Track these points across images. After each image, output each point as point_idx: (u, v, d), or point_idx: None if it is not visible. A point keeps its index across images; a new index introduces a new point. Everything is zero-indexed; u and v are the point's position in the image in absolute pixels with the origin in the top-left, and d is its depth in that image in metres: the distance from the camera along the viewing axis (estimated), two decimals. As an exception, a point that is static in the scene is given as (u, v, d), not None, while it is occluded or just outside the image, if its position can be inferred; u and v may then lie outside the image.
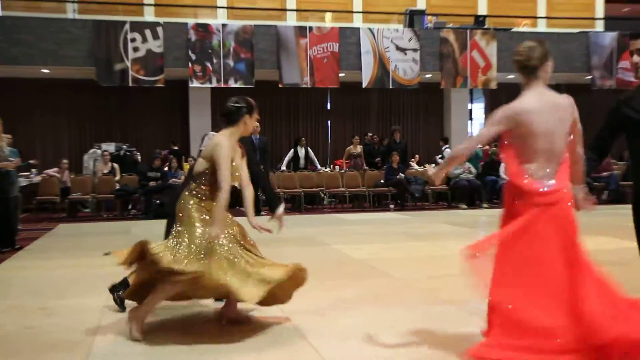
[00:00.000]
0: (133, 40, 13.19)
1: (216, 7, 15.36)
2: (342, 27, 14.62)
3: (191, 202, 4.01)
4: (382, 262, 6.52)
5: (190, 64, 13.35)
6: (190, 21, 13.85)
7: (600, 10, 17.60)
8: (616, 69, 15.26)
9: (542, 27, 16.91)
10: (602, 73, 15.24)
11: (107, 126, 15.31)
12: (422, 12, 15.58)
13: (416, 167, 14.71)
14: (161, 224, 4.83)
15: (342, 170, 14.22)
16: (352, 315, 4.43)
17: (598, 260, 7.07)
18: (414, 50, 14.39)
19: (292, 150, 14.23)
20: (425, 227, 9.80)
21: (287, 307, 4.51)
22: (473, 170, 13.62)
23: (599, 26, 17.09)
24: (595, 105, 17.37)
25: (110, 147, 14.10)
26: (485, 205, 13.27)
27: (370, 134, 15.39)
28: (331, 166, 15.15)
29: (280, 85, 13.95)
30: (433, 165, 5.30)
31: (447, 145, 15.04)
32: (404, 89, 14.87)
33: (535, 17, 17.12)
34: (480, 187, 13.50)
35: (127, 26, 13.20)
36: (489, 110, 17.59)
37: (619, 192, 14.03)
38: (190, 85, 13.76)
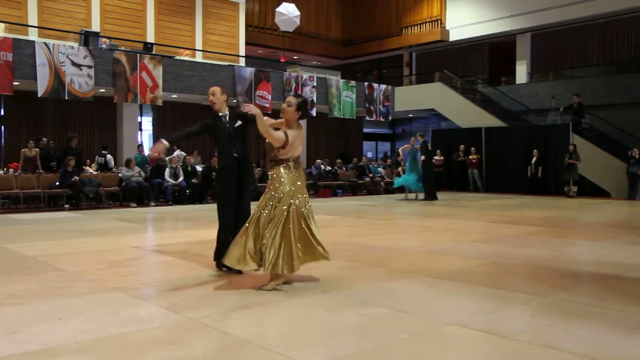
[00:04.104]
0: None
1: None
2: (17, 38, 12.83)
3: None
4: (53, 257, 5.85)
5: None
6: None
7: (242, 50, 18.80)
8: (254, 96, 16.39)
9: (199, 58, 17.29)
10: (244, 98, 16.19)
11: None
12: (96, 34, 14.57)
13: (91, 170, 13.69)
14: None
15: (17, 173, 12.46)
16: (19, 309, 3.85)
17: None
18: (89, 67, 13.34)
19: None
20: (96, 224, 9.11)
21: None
22: (142, 173, 13.22)
23: (242, 62, 18.23)
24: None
25: None
26: (152, 203, 12.97)
27: (45, 140, 13.76)
28: (5, 169, 13.16)
29: (-54, 89, 11.65)
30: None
31: (105, 151, 14.22)
32: (80, 100, 13.69)
33: (194, 50, 17.46)
34: (149, 188, 13.17)
35: None
36: (156, 122, 17.30)
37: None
38: None
